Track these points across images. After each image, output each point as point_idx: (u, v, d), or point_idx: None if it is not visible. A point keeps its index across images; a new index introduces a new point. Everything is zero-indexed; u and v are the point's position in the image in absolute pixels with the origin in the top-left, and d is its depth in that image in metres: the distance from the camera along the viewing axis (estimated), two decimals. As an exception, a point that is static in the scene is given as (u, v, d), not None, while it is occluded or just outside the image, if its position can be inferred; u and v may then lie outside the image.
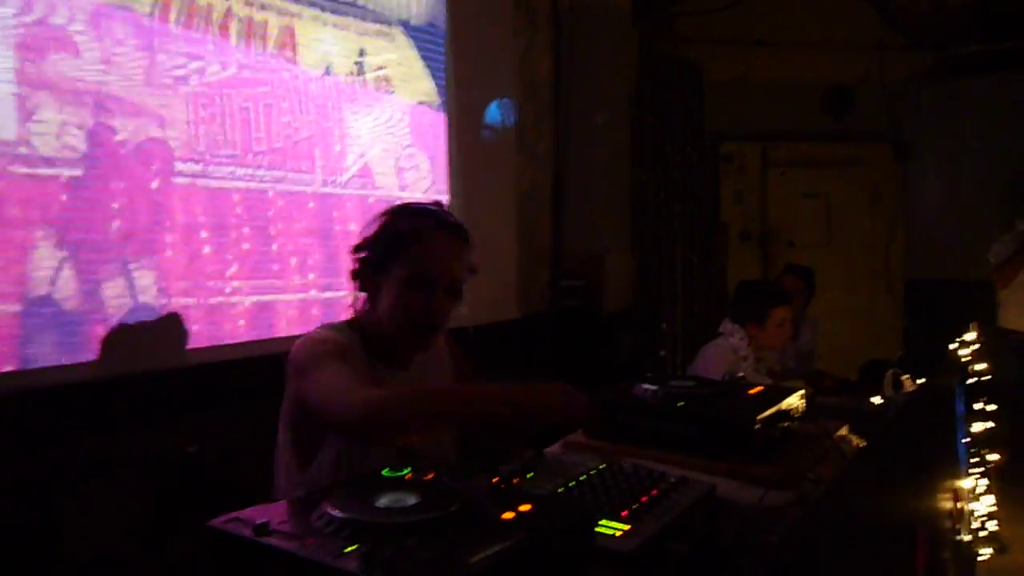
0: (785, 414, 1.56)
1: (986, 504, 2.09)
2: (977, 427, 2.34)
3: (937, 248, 5.48)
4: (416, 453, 1.32)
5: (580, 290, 4.24)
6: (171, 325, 2.34)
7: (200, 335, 2.43)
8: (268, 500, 1.04)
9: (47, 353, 2.06)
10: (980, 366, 2.79)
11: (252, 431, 2.54)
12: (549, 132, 4.22)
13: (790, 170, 5.85)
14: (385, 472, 1.08)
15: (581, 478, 1.23)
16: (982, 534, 2.02)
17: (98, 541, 2.08)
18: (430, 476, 1.06)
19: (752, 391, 1.65)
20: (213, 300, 2.45)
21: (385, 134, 3.07)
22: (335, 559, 0.82)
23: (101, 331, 2.16)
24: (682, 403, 1.53)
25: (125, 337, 2.20)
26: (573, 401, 1.38)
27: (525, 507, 0.96)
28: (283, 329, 2.66)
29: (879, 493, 1.29)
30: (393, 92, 3.11)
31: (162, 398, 2.28)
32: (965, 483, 1.94)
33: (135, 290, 2.25)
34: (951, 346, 2.75)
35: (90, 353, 2.14)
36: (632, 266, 4.78)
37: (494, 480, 1.18)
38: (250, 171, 2.58)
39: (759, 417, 1.44)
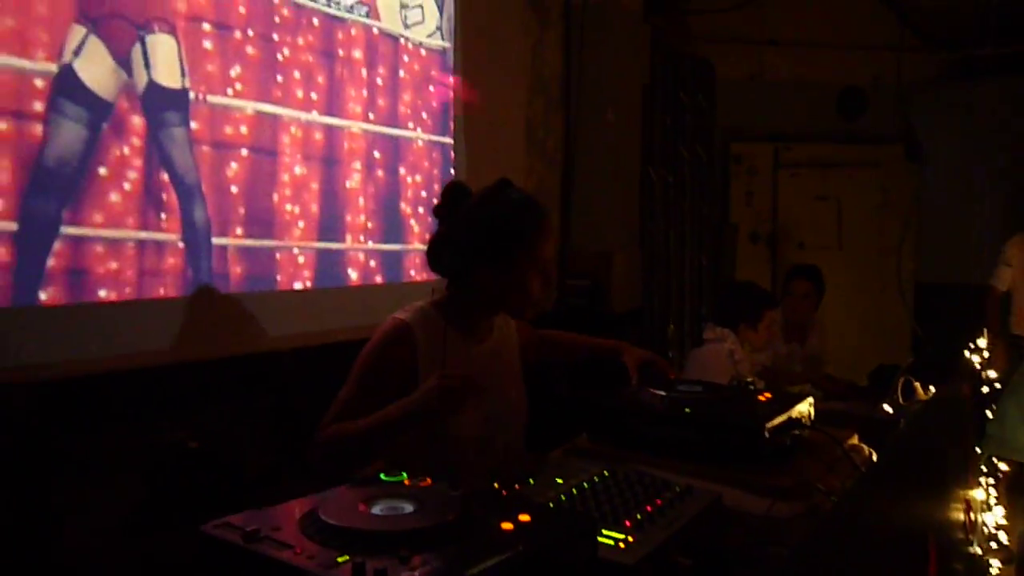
0: (795, 422, 1.52)
1: (997, 516, 2.04)
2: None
3: (949, 252, 5.42)
4: None
5: (587, 289, 4.19)
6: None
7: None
8: (269, 496, 1.01)
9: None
10: (992, 373, 2.73)
11: (254, 426, 2.53)
12: (558, 128, 4.18)
13: (801, 171, 5.79)
14: (382, 476, 1.05)
15: (583, 485, 1.20)
16: (993, 546, 1.97)
17: (96, 538, 2.06)
18: (427, 482, 1.03)
19: (761, 397, 1.61)
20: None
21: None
22: (326, 569, 0.80)
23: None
24: (689, 409, 1.50)
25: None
26: (442, 388, 1.35)
27: (525, 517, 0.93)
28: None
29: (891, 504, 1.25)
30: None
31: (164, 393, 2.25)
32: (977, 494, 1.89)
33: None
34: (965, 352, 2.69)
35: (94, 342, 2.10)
36: (640, 266, 4.74)
37: (494, 485, 1.15)
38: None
39: (769, 425, 1.41)
